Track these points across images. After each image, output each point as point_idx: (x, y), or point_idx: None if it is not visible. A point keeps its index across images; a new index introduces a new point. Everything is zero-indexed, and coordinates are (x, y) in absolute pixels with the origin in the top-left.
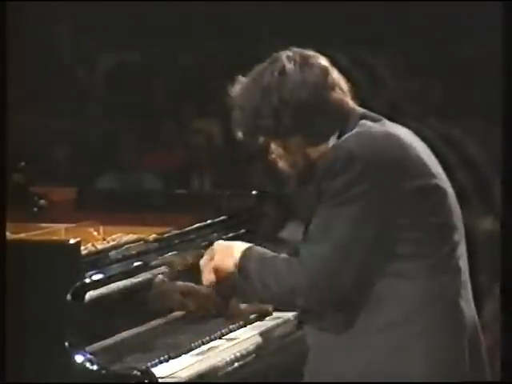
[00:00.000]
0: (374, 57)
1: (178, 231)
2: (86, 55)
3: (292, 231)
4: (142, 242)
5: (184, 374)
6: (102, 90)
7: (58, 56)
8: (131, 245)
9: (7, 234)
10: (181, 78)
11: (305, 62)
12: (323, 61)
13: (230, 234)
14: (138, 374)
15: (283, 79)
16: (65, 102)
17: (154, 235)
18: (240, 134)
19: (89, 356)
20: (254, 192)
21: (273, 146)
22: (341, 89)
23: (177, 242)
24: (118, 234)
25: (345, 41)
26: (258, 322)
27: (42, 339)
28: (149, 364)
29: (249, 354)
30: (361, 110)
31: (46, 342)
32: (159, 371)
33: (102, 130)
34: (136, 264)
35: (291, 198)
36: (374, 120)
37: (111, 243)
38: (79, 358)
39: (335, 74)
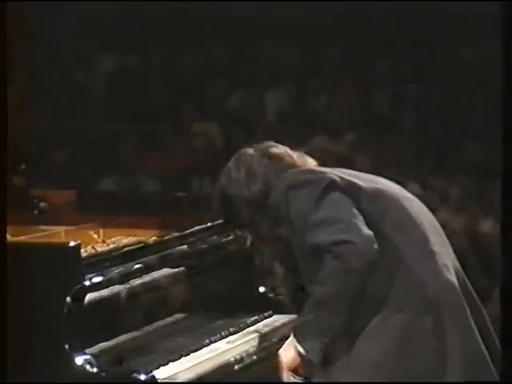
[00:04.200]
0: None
1: (177, 234)
2: (86, 57)
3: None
4: (141, 245)
5: (184, 377)
6: (103, 93)
7: (59, 58)
8: (131, 247)
9: (7, 236)
10: (181, 81)
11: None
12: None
13: (230, 237)
14: (138, 376)
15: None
16: (65, 105)
17: (153, 238)
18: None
19: (89, 358)
20: None
21: None
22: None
23: (177, 244)
24: (118, 237)
25: (345, 41)
26: (257, 325)
27: (42, 341)
28: (149, 366)
29: (249, 356)
30: None
31: (46, 344)
32: (159, 374)
33: (103, 132)
34: (136, 267)
35: None
36: None
37: (111, 246)
38: (79, 360)
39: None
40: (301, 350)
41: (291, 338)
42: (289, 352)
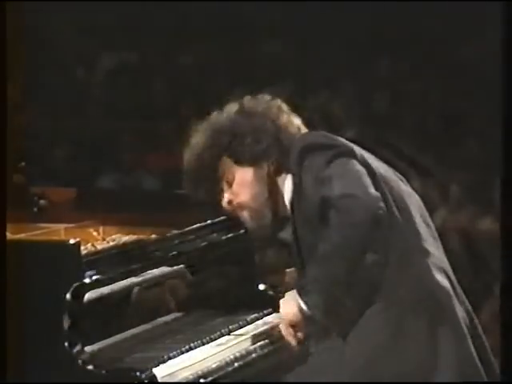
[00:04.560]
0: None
1: (177, 231)
2: (86, 55)
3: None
4: (141, 243)
5: (184, 375)
6: (103, 91)
7: (58, 56)
8: (131, 245)
9: (7, 234)
10: (181, 79)
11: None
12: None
13: (230, 235)
14: (138, 373)
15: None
16: (65, 103)
17: (153, 235)
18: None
19: (88, 356)
20: None
21: (228, 188)
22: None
23: (176, 242)
24: (118, 235)
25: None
26: (257, 322)
27: (42, 339)
28: (148, 364)
29: (249, 353)
30: None
31: (46, 341)
32: (159, 371)
33: (102, 130)
34: (135, 264)
35: None
36: None
37: (111, 243)
38: (79, 358)
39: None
40: (303, 305)
41: (293, 292)
42: (290, 307)
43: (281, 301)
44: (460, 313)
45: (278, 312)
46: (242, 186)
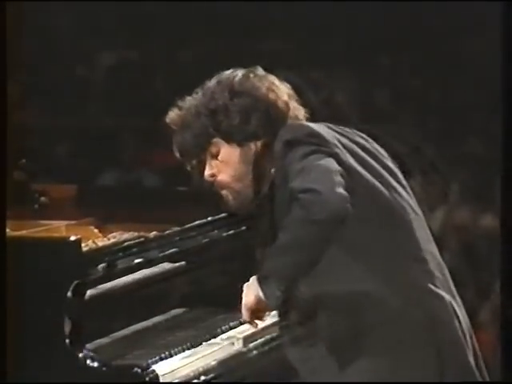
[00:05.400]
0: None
1: (178, 228)
2: (87, 52)
3: None
4: (142, 240)
5: (185, 371)
6: (103, 88)
7: (59, 53)
8: (131, 242)
9: (7, 230)
10: (181, 76)
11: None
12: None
13: (231, 232)
14: (139, 371)
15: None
16: (65, 99)
17: (154, 232)
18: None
19: (89, 353)
20: None
21: (212, 162)
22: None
23: (177, 239)
24: (119, 232)
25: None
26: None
27: (42, 336)
28: (150, 361)
29: (249, 350)
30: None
31: (47, 338)
32: (160, 368)
33: (103, 127)
34: (136, 261)
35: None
36: None
37: (112, 240)
38: (80, 355)
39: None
40: (261, 294)
41: (254, 279)
42: (250, 293)
43: (245, 285)
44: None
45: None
46: (226, 165)
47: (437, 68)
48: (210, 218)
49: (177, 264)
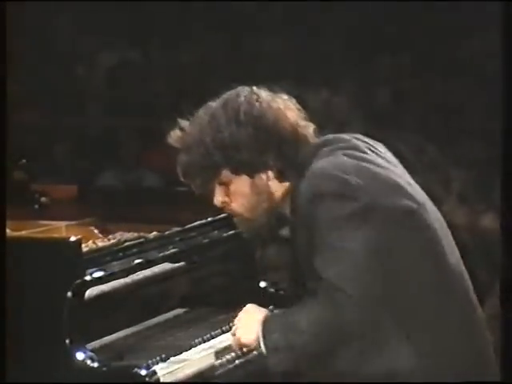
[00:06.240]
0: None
1: (178, 229)
2: (86, 53)
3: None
4: (142, 240)
5: (184, 372)
6: (103, 88)
7: (59, 53)
8: (132, 242)
9: (7, 231)
10: (182, 76)
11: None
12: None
13: (231, 232)
14: (139, 371)
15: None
16: (66, 100)
17: (154, 233)
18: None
19: (89, 353)
20: None
21: (222, 190)
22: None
23: (178, 239)
24: (119, 232)
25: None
26: None
27: (42, 336)
28: (149, 361)
29: (250, 351)
30: (318, 140)
31: (47, 339)
32: (160, 368)
33: (103, 127)
34: (137, 261)
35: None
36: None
37: (112, 241)
38: (80, 356)
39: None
40: (261, 343)
41: (257, 315)
42: (248, 333)
43: (241, 314)
44: None
45: (279, 308)
46: (237, 195)
47: (437, 67)
48: (210, 219)
49: (177, 264)
